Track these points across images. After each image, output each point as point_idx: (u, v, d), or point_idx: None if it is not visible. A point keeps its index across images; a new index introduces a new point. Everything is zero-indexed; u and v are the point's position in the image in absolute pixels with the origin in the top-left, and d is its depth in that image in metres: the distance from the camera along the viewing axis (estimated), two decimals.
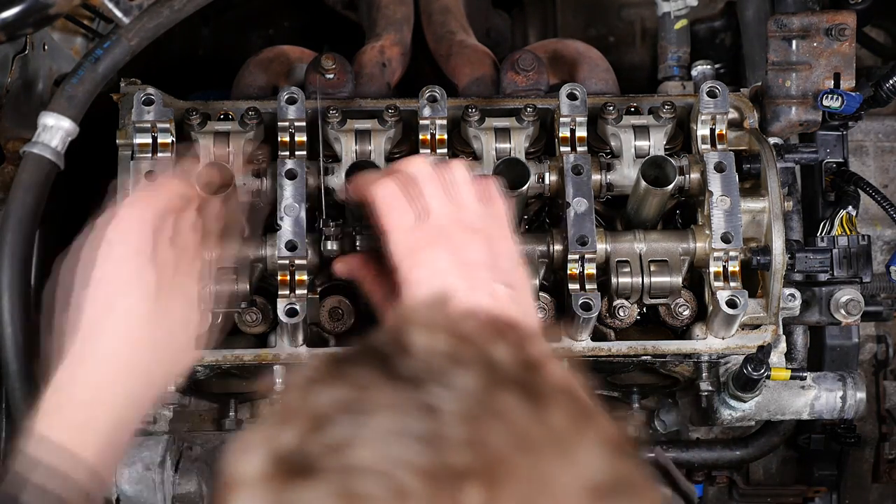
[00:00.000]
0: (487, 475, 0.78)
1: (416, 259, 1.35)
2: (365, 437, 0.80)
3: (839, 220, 1.91)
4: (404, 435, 0.80)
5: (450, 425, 0.80)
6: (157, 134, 1.72)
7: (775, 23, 1.88)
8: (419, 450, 0.79)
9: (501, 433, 0.80)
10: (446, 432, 0.80)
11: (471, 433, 0.80)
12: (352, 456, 0.79)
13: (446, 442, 0.80)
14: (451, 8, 2.14)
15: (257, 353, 1.74)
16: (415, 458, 0.79)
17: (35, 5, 1.52)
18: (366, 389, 0.83)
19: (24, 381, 1.49)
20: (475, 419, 0.81)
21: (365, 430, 0.80)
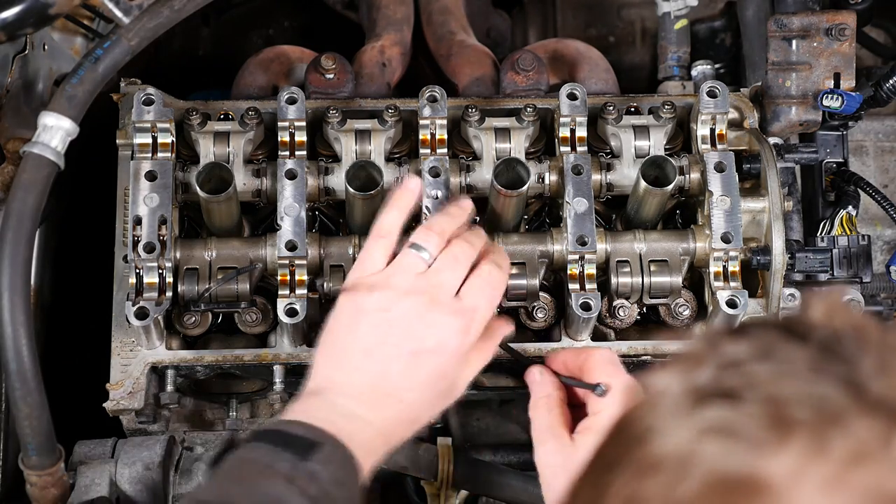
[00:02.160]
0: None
1: None
2: (784, 375, 0.83)
3: (839, 220, 1.91)
4: (823, 374, 0.83)
5: (867, 374, 0.83)
6: (157, 134, 1.72)
7: (775, 23, 1.88)
8: (843, 390, 0.81)
9: None
10: (865, 379, 0.83)
11: (889, 384, 0.82)
12: (773, 388, 0.82)
13: (868, 387, 0.82)
14: (451, 8, 2.14)
15: (257, 353, 1.74)
16: (838, 395, 0.81)
17: (35, 5, 1.52)
18: (774, 345, 0.87)
19: (24, 381, 1.49)
20: (890, 375, 0.83)
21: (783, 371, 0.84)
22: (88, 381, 1.81)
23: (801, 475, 0.78)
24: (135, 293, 1.66)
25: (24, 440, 1.53)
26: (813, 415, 0.80)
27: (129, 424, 1.75)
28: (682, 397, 0.85)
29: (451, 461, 1.75)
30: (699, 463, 0.81)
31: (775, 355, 0.86)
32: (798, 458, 0.79)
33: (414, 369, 1.43)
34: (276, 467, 1.26)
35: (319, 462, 1.27)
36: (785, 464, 0.79)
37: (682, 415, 0.84)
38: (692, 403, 0.84)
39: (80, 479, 1.63)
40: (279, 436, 1.31)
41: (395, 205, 1.55)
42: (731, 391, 0.83)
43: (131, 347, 1.72)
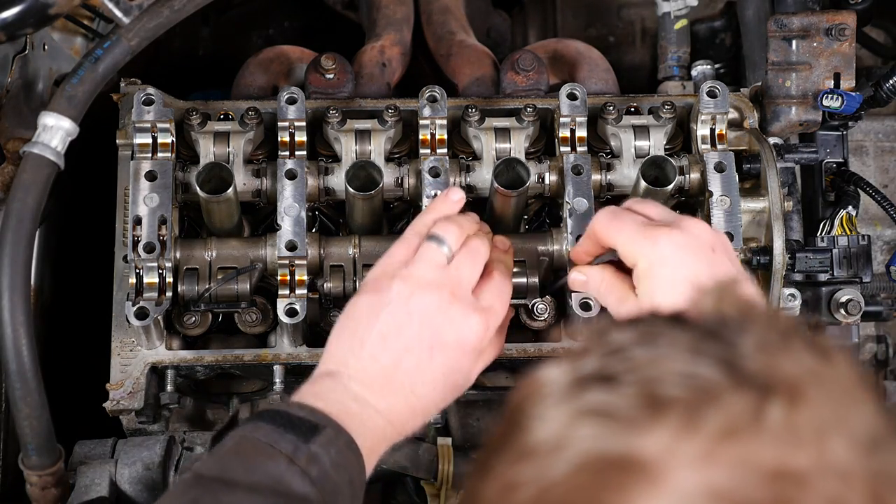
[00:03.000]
0: (788, 393, 0.82)
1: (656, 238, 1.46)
2: (662, 356, 0.85)
3: (839, 220, 1.91)
4: (702, 355, 0.84)
5: (745, 353, 0.85)
6: (157, 134, 1.72)
7: (775, 23, 1.88)
8: (717, 367, 0.83)
9: (795, 366, 0.85)
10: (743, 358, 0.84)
11: (767, 361, 0.84)
12: (651, 369, 0.84)
13: (744, 364, 0.84)
14: (451, 8, 2.14)
15: (257, 353, 1.74)
16: (712, 373, 0.83)
17: (35, 5, 1.52)
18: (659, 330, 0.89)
19: (24, 381, 1.49)
20: (769, 353, 0.85)
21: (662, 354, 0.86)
22: (88, 381, 1.81)
23: (673, 451, 0.80)
24: (135, 293, 1.66)
25: (24, 440, 1.53)
26: (687, 393, 0.82)
27: (129, 424, 1.75)
28: (566, 385, 0.87)
29: (451, 461, 1.75)
30: (572, 445, 0.82)
31: (657, 340, 0.88)
32: (670, 434, 0.80)
33: (429, 362, 1.43)
34: (278, 447, 1.27)
35: (321, 445, 1.28)
36: (657, 441, 0.80)
37: (562, 401, 0.86)
38: (573, 390, 0.86)
39: (80, 479, 1.63)
40: (282, 417, 1.31)
41: (434, 209, 1.56)
42: (610, 376, 0.85)
43: (131, 347, 1.72)
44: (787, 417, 0.81)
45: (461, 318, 1.45)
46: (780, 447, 0.80)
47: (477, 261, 1.51)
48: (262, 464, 1.25)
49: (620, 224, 1.50)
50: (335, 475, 1.28)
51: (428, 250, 1.48)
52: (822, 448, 0.81)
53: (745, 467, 0.79)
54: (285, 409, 1.34)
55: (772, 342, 0.87)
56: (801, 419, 0.81)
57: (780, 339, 0.87)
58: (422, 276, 1.46)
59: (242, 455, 1.28)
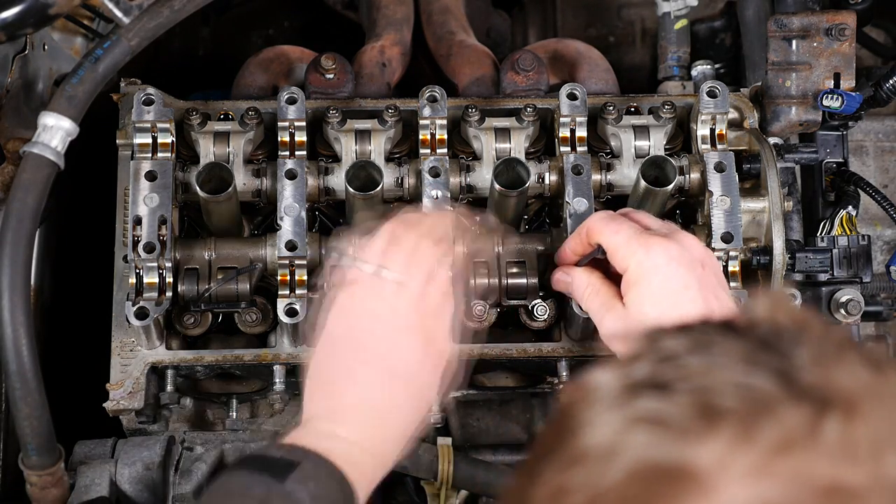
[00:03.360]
0: (844, 407, 0.81)
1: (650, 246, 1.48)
2: (717, 366, 0.84)
3: (839, 220, 1.91)
4: (757, 366, 0.83)
5: (800, 365, 0.84)
6: (157, 134, 1.72)
7: (775, 23, 1.88)
8: (773, 379, 0.82)
9: (851, 379, 0.84)
10: (798, 370, 0.84)
11: (823, 373, 0.83)
12: (705, 378, 0.83)
13: (799, 377, 0.83)
14: (451, 8, 2.14)
15: (257, 353, 1.74)
16: (767, 385, 0.82)
17: (35, 5, 1.52)
18: (713, 338, 0.88)
19: (24, 381, 1.49)
20: (824, 366, 0.84)
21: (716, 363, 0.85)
22: (88, 381, 1.81)
23: (727, 463, 0.79)
24: (135, 293, 1.66)
25: (24, 440, 1.53)
26: (742, 404, 0.81)
27: (129, 424, 1.75)
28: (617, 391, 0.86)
29: (451, 461, 1.75)
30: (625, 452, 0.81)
31: (712, 349, 0.87)
32: (725, 446, 0.79)
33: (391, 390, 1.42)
34: (250, 492, 1.25)
35: (297, 481, 1.26)
36: (711, 452, 0.79)
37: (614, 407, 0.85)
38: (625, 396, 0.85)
39: (80, 479, 1.63)
40: (258, 460, 1.30)
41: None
42: (664, 383, 0.84)
43: (131, 347, 1.72)
44: (843, 432, 0.80)
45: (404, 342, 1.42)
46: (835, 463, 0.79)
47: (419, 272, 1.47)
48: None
49: (617, 227, 1.51)
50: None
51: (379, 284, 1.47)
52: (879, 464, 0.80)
53: (799, 482, 0.78)
54: (262, 452, 1.34)
55: (827, 355, 0.86)
56: (857, 434, 0.80)
57: (835, 351, 0.87)
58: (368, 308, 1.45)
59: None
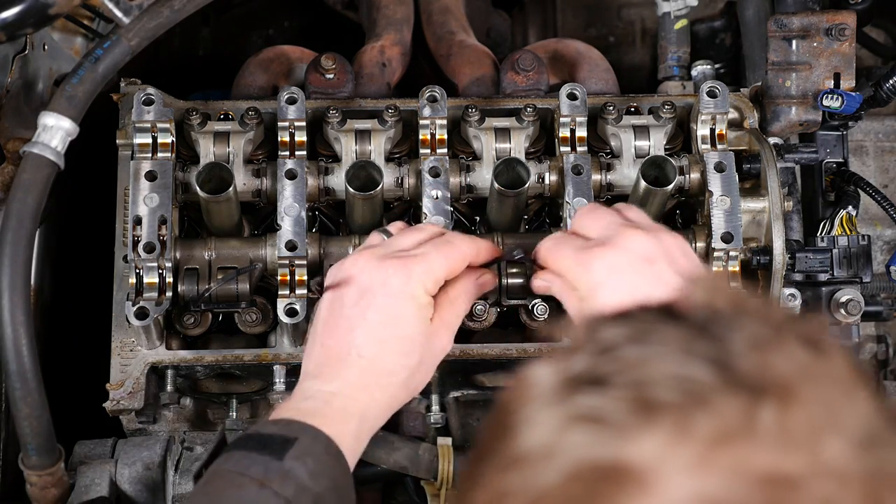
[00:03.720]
0: (780, 394, 0.81)
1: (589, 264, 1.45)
2: (654, 357, 0.83)
3: (839, 220, 1.91)
4: (693, 355, 0.83)
5: (738, 352, 0.83)
6: (157, 134, 1.72)
7: (775, 23, 1.88)
8: (709, 368, 0.82)
9: (788, 363, 0.83)
10: (735, 357, 0.83)
11: (759, 359, 0.83)
12: (642, 371, 0.82)
13: (736, 364, 0.82)
14: (451, 8, 2.14)
15: (257, 353, 1.74)
16: (704, 374, 0.81)
17: (35, 5, 1.52)
18: (651, 326, 0.87)
19: (24, 381, 1.49)
20: (763, 352, 0.84)
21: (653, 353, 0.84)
22: (88, 381, 1.81)
23: (665, 458, 0.78)
24: (135, 293, 1.66)
25: (24, 440, 1.53)
26: (679, 396, 0.81)
27: (129, 424, 1.75)
28: (555, 387, 0.85)
29: (451, 461, 1.75)
30: (563, 453, 0.81)
31: (649, 338, 0.86)
32: (662, 441, 0.79)
33: (365, 319, 1.43)
34: (248, 473, 1.25)
35: (295, 458, 1.27)
36: (649, 448, 0.79)
37: (552, 405, 0.84)
38: (563, 392, 0.84)
39: (80, 479, 1.63)
40: (255, 439, 1.31)
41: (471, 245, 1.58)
42: (601, 377, 0.83)
43: (131, 347, 1.72)
44: (779, 420, 0.80)
45: (381, 270, 1.45)
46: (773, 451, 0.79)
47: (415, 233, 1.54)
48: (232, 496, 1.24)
49: (558, 253, 1.51)
50: (315, 485, 1.27)
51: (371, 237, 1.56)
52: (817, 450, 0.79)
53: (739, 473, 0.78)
54: (258, 429, 1.34)
55: (765, 338, 0.85)
56: (794, 421, 0.80)
57: (773, 334, 0.86)
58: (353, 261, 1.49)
59: (211, 493, 1.27)
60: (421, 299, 1.47)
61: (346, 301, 1.45)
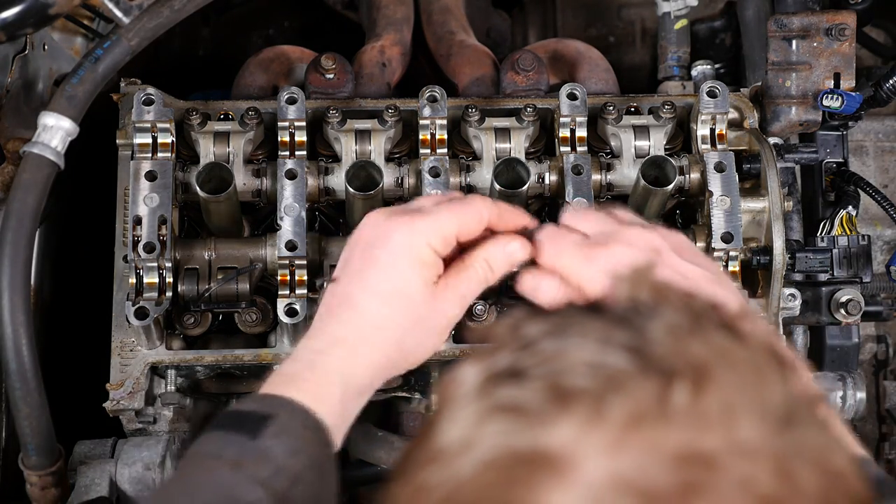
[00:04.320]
0: (694, 376, 0.82)
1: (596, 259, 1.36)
2: (571, 348, 0.86)
3: (839, 220, 1.91)
4: (608, 344, 0.85)
5: (654, 339, 0.85)
6: (157, 134, 1.72)
7: (775, 23, 1.88)
8: (624, 355, 0.84)
9: (705, 349, 0.85)
10: (651, 343, 0.85)
11: (675, 345, 0.85)
12: (559, 361, 0.85)
13: (651, 350, 0.84)
14: (451, 8, 2.14)
15: (257, 353, 1.74)
16: (619, 361, 0.84)
17: (35, 5, 1.52)
18: (572, 320, 0.89)
19: (24, 381, 1.49)
20: (679, 337, 0.86)
21: (571, 344, 0.86)
22: (88, 381, 1.81)
23: (580, 442, 0.80)
24: (135, 293, 1.66)
25: (24, 440, 1.53)
26: (593, 383, 0.82)
27: (129, 424, 1.75)
28: (478, 384, 0.87)
29: None
30: (480, 443, 0.82)
31: (568, 331, 0.88)
32: (577, 426, 0.81)
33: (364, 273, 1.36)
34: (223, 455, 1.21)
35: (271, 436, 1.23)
36: (564, 433, 0.80)
37: (473, 400, 0.86)
38: (485, 388, 0.86)
39: (80, 479, 1.63)
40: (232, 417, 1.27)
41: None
42: (520, 370, 0.85)
43: (131, 347, 1.72)
44: (692, 400, 0.81)
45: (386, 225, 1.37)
46: (686, 431, 0.80)
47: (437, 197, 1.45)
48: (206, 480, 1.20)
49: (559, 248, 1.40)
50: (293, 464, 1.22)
51: None
52: (730, 428, 0.81)
53: (653, 453, 0.79)
54: (237, 407, 1.29)
55: (682, 325, 0.87)
56: (707, 401, 0.82)
57: (691, 321, 0.88)
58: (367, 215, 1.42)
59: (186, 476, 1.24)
60: (424, 256, 1.37)
61: (351, 260, 1.39)
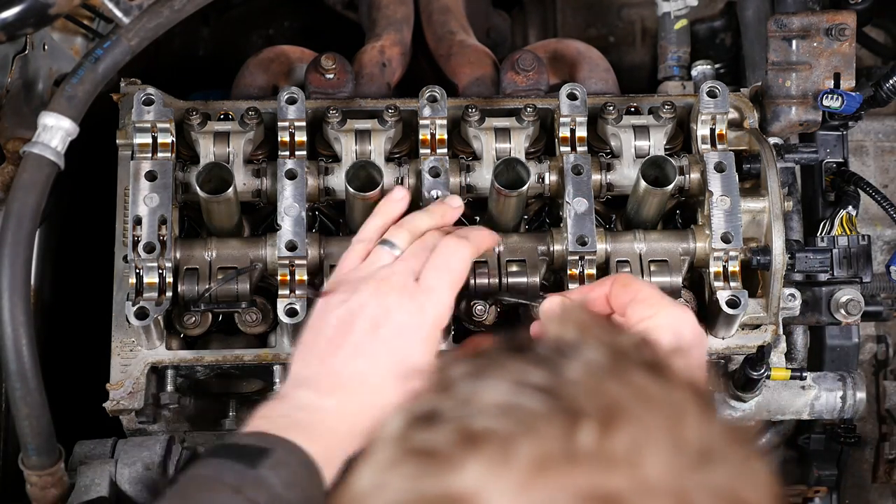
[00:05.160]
0: (603, 416, 0.82)
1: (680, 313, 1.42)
2: (485, 390, 0.86)
3: (839, 220, 1.91)
4: (523, 385, 0.85)
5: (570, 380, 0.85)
6: (157, 134, 1.72)
7: (775, 23, 1.88)
8: (537, 396, 0.84)
9: (621, 388, 0.85)
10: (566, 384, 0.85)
11: (591, 386, 0.85)
12: (472, 403, 0.85)
13: (565, 391, 0.84)
14: (451, 8, 2.14)
15: (257, 353, 1.74)
16: (532, 403, 0.83)
17: (35, 5, 1.52)
18: (492, 360, 0.89)
19: (24, 381, 1.49)
20: (596, 377, 0.85)
21: (486, 386, 0.86)
22: (88, 381, 1.81)
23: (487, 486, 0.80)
24: (135, 293, 1.66)
25: (24, 440, 1.52)
26: (504, 424, 0.82)
27: (129, 424, 1.75)
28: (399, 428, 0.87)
29: None
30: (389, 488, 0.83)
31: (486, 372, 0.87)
32: (484, 468, 0.80)
33: (374, 355, 1.43)
34: (222, 479, 1.25)
35: (269, 467, 1.27)
36: (472, 476, 0.80)
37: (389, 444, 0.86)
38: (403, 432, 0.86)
39: (80, 479, 1.63)
40: (229, 449, 1.31)
41: (378, 213, 1.60)
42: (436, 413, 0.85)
43: (131, 347, 1.72)
44: (599, 441, 0.81)
45: (396, 306, 1.45)
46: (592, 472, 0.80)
47: (425, 251, 1.51)
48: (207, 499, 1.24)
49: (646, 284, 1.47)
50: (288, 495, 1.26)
51: (374, 253, 1.53)
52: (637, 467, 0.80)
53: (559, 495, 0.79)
54: (232, 440, 1.34)
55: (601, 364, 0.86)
56: (614, 441, 0.81)
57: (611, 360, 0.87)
58: (360, 276, 1.49)
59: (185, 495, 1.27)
60: (431, 337, 1.47)
61: (357, 328, 1.45)
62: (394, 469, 0.84)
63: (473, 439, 0.82)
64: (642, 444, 0.82)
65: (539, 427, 0.81)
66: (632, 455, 0.81)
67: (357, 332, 1.44)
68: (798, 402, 1.89)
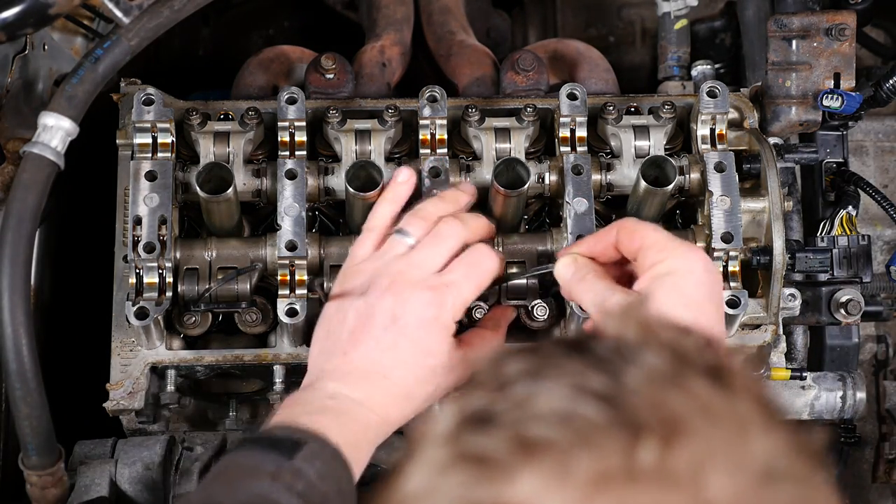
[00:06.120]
0: (665, 431, 0.79)
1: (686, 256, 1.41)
2: (542, 393, 0.82)
3: (839, 220, 1.91)
4: (583, 391, 0.82)
5: (631, 389, 0.81)
6: (157, 134, 1.72)
7: (775, 23, 1.88)
8: (597, 405, 0.80)
9: (683, 400, 0.81)
10: (627, 393, 0.81)
11: (652, 396, 0.81)
12: (529, 408, 0.82)
13: (626, 401, 0.81)
14: (451, 8, 2.14)
15: (257, 353, 1.74)
16: (591, 412, 0.80)
17: (35, 5, 1.52)
18: (550, 359, 0.85)
19: (24, 381, 1.49)
20: (658, 387, 0.82)
21: (543, 389, 0.83)
22: (88, 381, 1.81)
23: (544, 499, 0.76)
24: (135, 293, 1.66)
25: (24, 440, 1.53)
26: (561, 435, 0.79)
27: (129, 424, 1.75)
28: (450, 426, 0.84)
29: None
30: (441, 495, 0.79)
31: (544, 372, 0.84)
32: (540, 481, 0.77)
33: (395, 347, 1.45)
34: (261, 467, 1.27)
35: (304, 459, 1.29)
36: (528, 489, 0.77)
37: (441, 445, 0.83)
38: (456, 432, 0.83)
39: (80, 479, 1.63)
40: (264, 440, 1.33)
41: (386, 198, 1.60)
42: (491, 415, 0.82)
43: (131, 347, 1.72)
44: (660, 458, 0.78)
45: (415, 298, 1.46)
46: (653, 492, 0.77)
47: (441, 241, 1.52)
48: (247, 484, 1.26)
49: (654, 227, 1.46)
50: (322, 485, 1.28)
51: (389, 242, 1.53)
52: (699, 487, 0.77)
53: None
54: (267, 433, 1.35)
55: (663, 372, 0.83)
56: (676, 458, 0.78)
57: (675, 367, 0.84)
58: (381, 267, 1.49)
59: (226, 479, 1.29)
60: (451, 329, 1.49)
61: (377, 321, 1.46)
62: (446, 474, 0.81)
63: (529, 448, 0.79)
64: (705, 461, 0.79)
65: (598, 440, 0.78)
66: (694, 474, 0.78)
67: (377, 325, 1.46)
68: (798, 402, 1.89)
